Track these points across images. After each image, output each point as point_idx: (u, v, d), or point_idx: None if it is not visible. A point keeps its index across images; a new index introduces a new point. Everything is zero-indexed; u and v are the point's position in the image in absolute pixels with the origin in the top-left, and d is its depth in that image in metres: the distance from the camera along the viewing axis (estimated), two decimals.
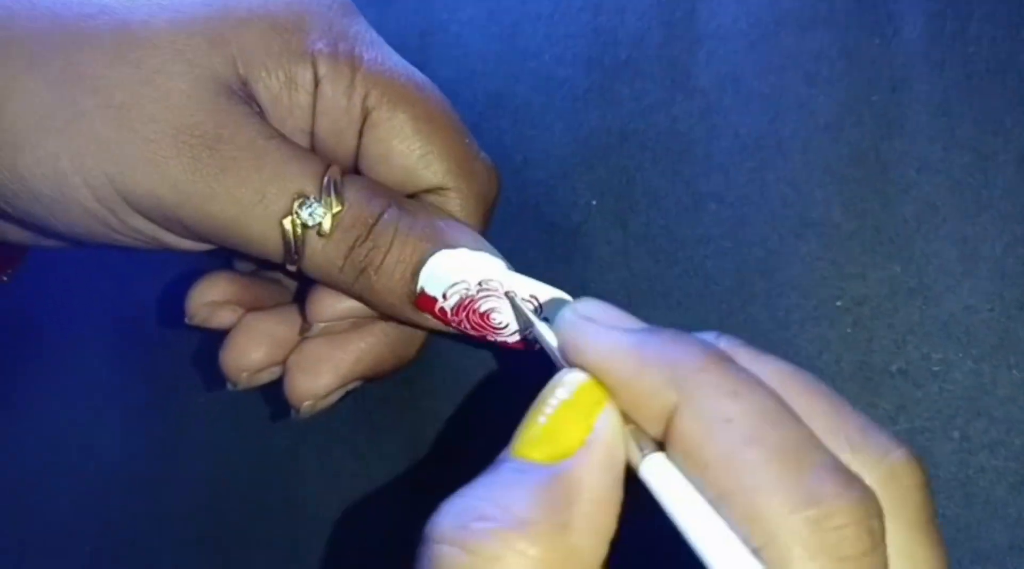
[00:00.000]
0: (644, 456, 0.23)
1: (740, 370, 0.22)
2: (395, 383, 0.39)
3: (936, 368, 0.34)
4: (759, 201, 0.36)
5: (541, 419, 0.24)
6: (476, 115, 0.40)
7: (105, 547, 0.44)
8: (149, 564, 0.44)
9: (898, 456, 0.22)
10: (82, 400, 0.45)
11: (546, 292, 0.31)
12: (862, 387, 0.35)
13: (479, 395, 0.40)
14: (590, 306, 0.25)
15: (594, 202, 0.38)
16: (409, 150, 0.32)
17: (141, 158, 0.28)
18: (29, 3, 0.29)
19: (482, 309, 0.31)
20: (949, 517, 0.34)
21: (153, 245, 0.32)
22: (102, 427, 0.45)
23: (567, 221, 0.39)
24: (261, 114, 0.31)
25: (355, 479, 0.41)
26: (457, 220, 0.32)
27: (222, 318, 0.35)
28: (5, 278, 0.39)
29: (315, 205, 0.29)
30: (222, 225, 0.29)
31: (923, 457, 0.33)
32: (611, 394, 0.24)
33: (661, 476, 0.22)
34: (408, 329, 0.34)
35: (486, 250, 0.31)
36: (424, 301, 0.31)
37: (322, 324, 0.33)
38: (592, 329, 0.24)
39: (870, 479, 0.21)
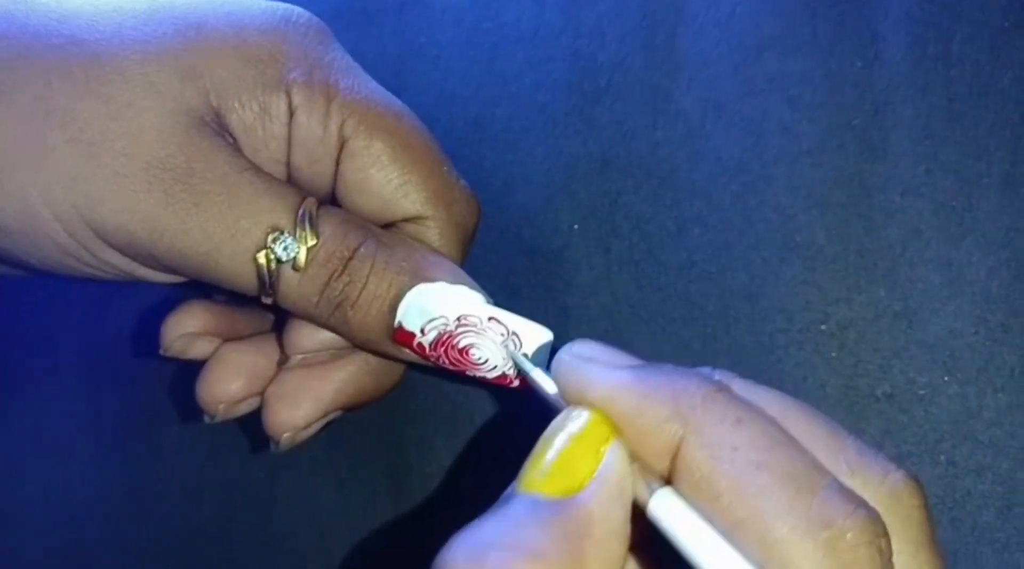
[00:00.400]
0: (652, 492, 0.23)
1: (741, 399, 0.23)
2: (376, 409, 0.38)
3: (922, 392, 0.34)
4: (742, 225, 0.36)
5: (550, 454, 0.24)
6: (455, 140, 0.40)
7: None
8: None
9: (898, 477, 0.23)
10: (53, 431, 0.44)
11: (526, 327, 0.30)
12: (848, 412, 0.34)
13: (462, 420, 0.40)
14: (587, 347, 0.26)
15: (576, 226, 0.38)
16: (387, 179, 0.31)
17: (111, 193, 0.28)
18: None
19: (461, 345, 0.30)
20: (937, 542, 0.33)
21: (126, 278, 0.31)
22: (74, 459, 0.44)
23: (548, 246, 0.38)
24: (235, 146, 0.30)
25: (335, 510, 0.41)
26: (435, 251, 0.32)
27: (198, 349, 0.35)
28: None
29: (289, 240, 0.29)
30: (194, 260, 0.29)
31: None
32: (617, 430, 0.24)
33: (671, 511, 0.23)
34: (386, 362, 0.34)
35: (465, 283, 0.31)
36: (402, 336, 0.30)
37: (300, 356, 0.32)
38: (592, 368, 0.25)
39: (872, 500, 0.22)
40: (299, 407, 0.33)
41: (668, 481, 0.23)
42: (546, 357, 0.31)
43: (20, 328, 0.45)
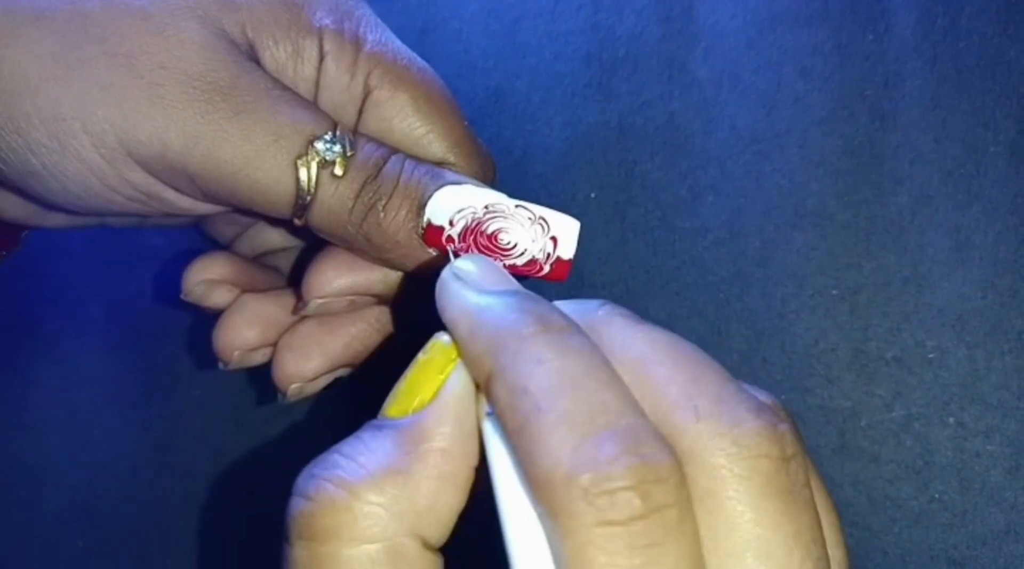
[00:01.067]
0: (485, 418, 0.24)
1: (563, 337, 0.22)
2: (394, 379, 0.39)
3: (931, 355, 0.34)
4: (755, 193, 0.37)
5: (400, 380, 0.25)
6: (476, 110, 0.41)
7: (97, 540, 0.44)
8: (142, 558, 0.43)
9: (747, 428, 0.22)
10: (76, 393, 0.45)
11: (554, 214, 0.31)
12: (858, 375, 0.35)
13: None
14: (467, 264, 0.26)
15: (593, 195, 0.39)
16: (410, 129, 0.32)
17: (148, 102, 0.28)
18: None
19: (489, 230, 0.31)
20: (945, 502, 0.34)
21: (149, 208, 0.31)
22: (96, 420, 0.44)
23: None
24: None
25: None
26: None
27: (218, 297, 0.35)
28: (3, 253, 0.39)
29: (331, 141, 0.29)
30: (232, 171, 0.29)
31: (916, 443, 0.34)
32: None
33: (488, 439, 0.23)
34: (390, 325, 0.35)
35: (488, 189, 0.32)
36: (431, 234, 0.30)
37: (319, 300, 0.33)
38: (455, 288, 0.25)
39: (713, 448, 0.21)
40: (308, 359, 0.34)
41: None
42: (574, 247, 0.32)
43: (43, 291, 0.46)
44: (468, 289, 0.25)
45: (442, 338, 0.25)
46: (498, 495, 0.22)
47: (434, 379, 0.24)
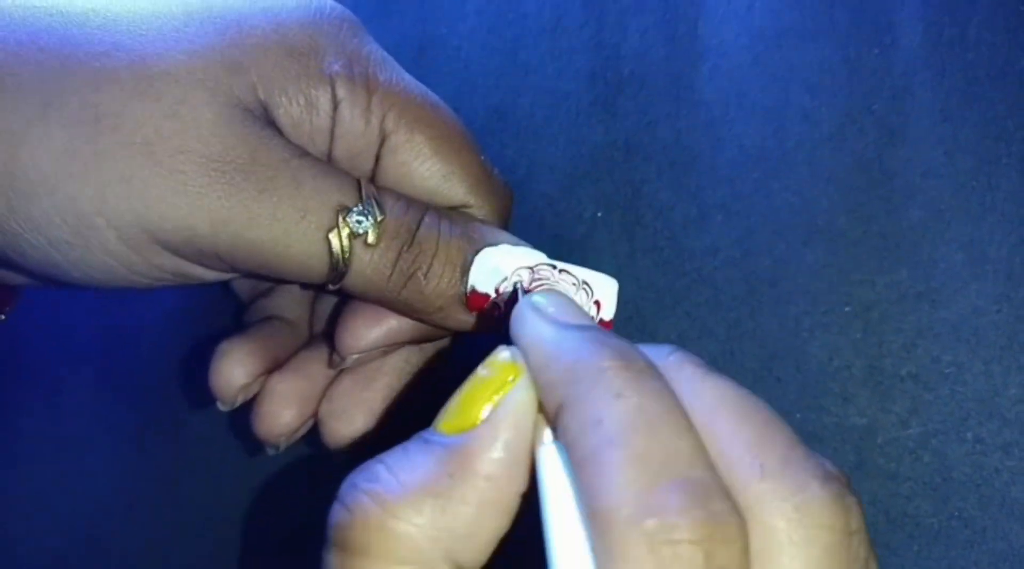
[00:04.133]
0: (542, 445, 0.23)
1: (643, 377, 0.22)
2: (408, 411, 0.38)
3: (947, 371, 0.34)
4: (765, 211, 0.36)
5: (455, 395, 0.24)
6: (477, 129, 0.39)
7: None
8: None
9: (812, 494, 0.21)
10: (68, 428, 0.44)
11: (595, 276, 0.31)
12: (873, 392, 0.35)
13: None
14: (544, 298, 0.26)
15: (599, 214, 0.38)
16: (430, 172, 0.32)
17: (171, 191, 0.27)
18: (34, 46, 0.28)
19: None
20: (965, 519, 0.34)
21: (174, 282, 0.31)
22: (90, 455, 0.44)
23: (572, 233, 0.39)
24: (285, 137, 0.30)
25: None
26: (486, 223, 0.32)
27: (252, 392, 0.34)
28: (3, 316, 0.38)
29: (360, 213, 0.29)
30: (262, 250, 0.28)
31: (934, 460, 0.34)
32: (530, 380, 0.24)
33: (547, 466, 0.23)
34: (429, 350, 0.34)
35: (525, 244, 0.31)
36: (476, 299, 0.30)
37: (355, 355, 0.32)
38: (531, 317, 0.25)
39: (774, 510, 0.21)
40: (355, 420, 0.33)
41: None
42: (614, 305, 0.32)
43: (39, 324, 0.45)
44: (545, 319, 0.24)
45: (502, 355, 0.25)
46: (550, 525, 0.21)
47: (490, 397, 0.24)
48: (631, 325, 0.38)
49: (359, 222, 0.29)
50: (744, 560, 0.20)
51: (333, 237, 0.29)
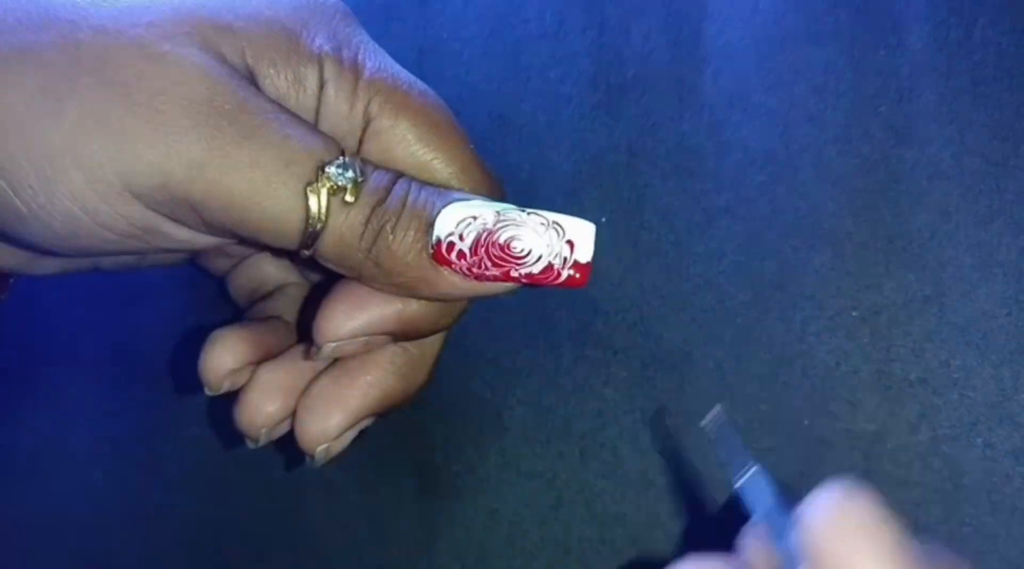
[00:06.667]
0: None
1: None
2: (401, 409, 0.38)
3: (956, 375, 0.34)
4: (771, 214, 0.36)
5: None
6: (479, 134, 0.40)
7: None
8: None
9: None
10: (74, 431, 0.43)
11: (568, 218, 0.30)
12: (882, 397, 0.34)
13: (488, 417, 0.40)
14: (853, 508, 0.24)
15: (604, 219, 0.38)
16: (413, 157, 0.31)
17: (148, 131, 0.27)
18: (14, 1, 0.27)
19: (502, 239, 0.30)
20: (976, 526, 0.33)
21: (144, 244, 0.30)
22: (96, 460, 0.43)
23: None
24: None
25: (362, 510, 0.40)
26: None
27: (240, 380, 0.34)
28: None
29: (342, 167, 0.28)
30: (239, 199, 0.28)
31: (944, 466, 0.34)
32: None
33: None
34: (415, 353, 0.34)
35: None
36: (441, 253, 0.30)
37: (332, 345, 0.32)
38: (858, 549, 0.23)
39: None
40: (329, 417, 0.32)
41: None
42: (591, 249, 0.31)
43: (40, 334, 0.45)
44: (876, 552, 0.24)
45: None
46: None
47: None
48: (636, 331, 0.37)
49: (340, 173, 0.28)
50: None
51: (311, 191, 0.28)
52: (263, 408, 0.33)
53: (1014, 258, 0.33)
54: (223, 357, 0.33)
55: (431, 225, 0.29)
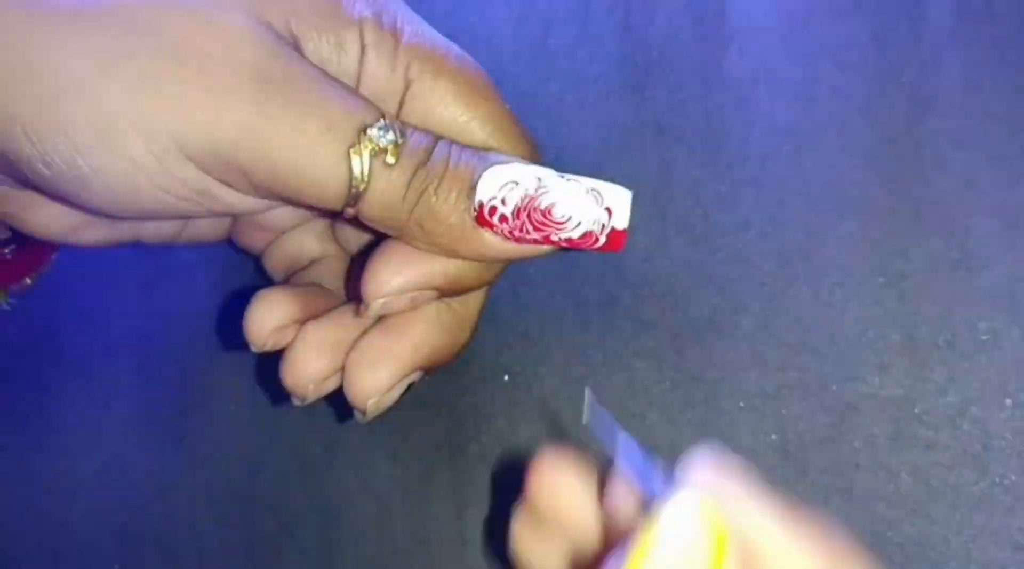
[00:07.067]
0: None
1: None
2: (431, 381, 0.38)
3: (984, 338, 0.34)
4: (797, 185, 0.37)
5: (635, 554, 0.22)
6: None
7: (134, 559, 0.43)
8: None
9: None
10: (106, 412, 0.44)
11: (606, 185, 0.31)
12: (910, 361, 0.35)
13: (519, 389, 0.40)
14: (726, 464, 0.25)
15: (632, 194, 0.39)
16: (452, 117, 0.32)
17: (199, 96, 0.28)
18: None
19: (543, 205, 0.31)
20: (1007, 486, 0.33)
21: (198, 206, 0.31)
22: (128, 438, 0.44)
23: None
24: None
25: (392, 482, 0.40)
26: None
27: (286, 338, 0.34)
28: (29, 281, 0.38)
29: (383, 129, 0.29)
30: (284, 162, 0.29)
31: (973, 427, 0.34)
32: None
33: None
34: (459, 309, 0.34)
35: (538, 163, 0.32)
36: (484, 214, 0.30)
37: (381, 301, 0.32)
38: (740, 492, 0.24)
39: None
40: (379, 370, 0.33)
41: None
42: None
43: (74, 312, 0.45)
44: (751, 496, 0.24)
45: (693, 501, 0.22)
46: None
47: None
48: (664, 302, 0.38)
49: (381, 134, 0.29)
50: None
51: (354, 153, 0.29)
52: (312, 363, 0.33)
53: None
54: (270, 313, 0.34)
55: (473, 188, 0.30)
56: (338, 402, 0.35)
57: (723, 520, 0.22)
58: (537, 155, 0.34)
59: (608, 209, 0.31)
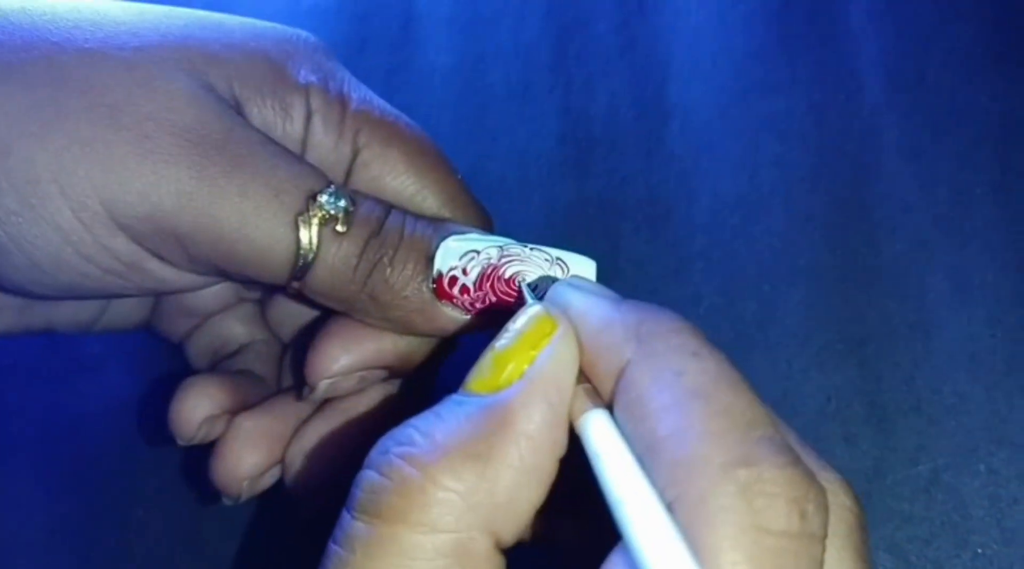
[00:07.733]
0: (590, 409, 0.21)
1: (710, 344, 0.22)
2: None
3: (950, 401, 0.33)
4: (746, 255, 0.36)
5: (490, 352, 0.23)
6: None
7: None
8: None
9: (833, 476, 0.21)
10: (9, 527, 0.39)
11: (571, 255, 0.29)
12: (877, 430, 0.33)
13: None
14: (584, 280, 0.26)
15: None
16: (403, 186, 0.30)
17: (136, 158, 0.25)
18: (3, 19, 0.27)
19: (507, 274, 0.29)
20: (989, 556, 0.31)
21: (127, 282, 0.28)
22: (36, 559, 0.39)
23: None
24: None
25: None
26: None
27: (217, 431, 0.31)
28: None
29: (333, 196, 0.27)
30: (228, 230, 0.26)
31: (948, 496, 0.32)
32: (579, 347, 0.22)
33: (596, 431, 0.21)
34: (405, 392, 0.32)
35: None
36: (444, 285, 0.28)
37: (327, 382, 0.29)
38: (576, 290, 0.24)
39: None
40: (324, 462, 0.31)
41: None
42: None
43: None
44: (594, 291, 0.24)
45: (536, 309, 0.23)
46: (613, 488, 0.19)
47: (527, 353, 0.22)
48: None
49: (331, 201, 0.27)
50: (825, 532, 0.19)
51: (302, 221, 0.27)
52: (246, 458, 0.30)
53: (991, 280, 0.33)
54: (199, 402, 0.30)
55: (430, 258, 0.28)
56: (275, 505, 0.31)
57: (555, 316, 0.23)
58: (491, 225, 0.33)
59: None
